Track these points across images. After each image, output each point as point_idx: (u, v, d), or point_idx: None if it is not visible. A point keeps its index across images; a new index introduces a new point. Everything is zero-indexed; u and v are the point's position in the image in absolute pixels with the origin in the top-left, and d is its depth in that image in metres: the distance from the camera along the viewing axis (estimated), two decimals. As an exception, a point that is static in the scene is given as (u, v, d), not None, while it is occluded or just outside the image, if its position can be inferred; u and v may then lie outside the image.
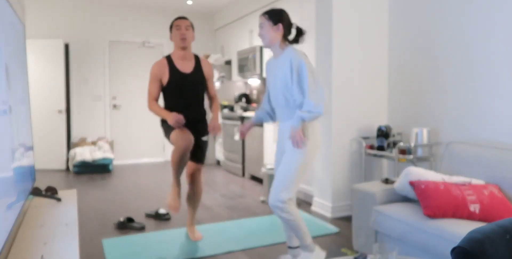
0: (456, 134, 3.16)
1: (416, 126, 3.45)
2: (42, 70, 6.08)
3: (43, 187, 4.41)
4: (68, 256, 2.41)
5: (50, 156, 6.17)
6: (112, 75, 6.86)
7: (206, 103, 3.10)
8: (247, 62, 5.89)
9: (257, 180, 5.22)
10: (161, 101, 3.00)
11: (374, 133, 3.68)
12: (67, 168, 6.27)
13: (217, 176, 5.64)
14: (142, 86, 7.01)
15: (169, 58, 2.94)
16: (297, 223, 2.30)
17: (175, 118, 2.74)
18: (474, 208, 2.12)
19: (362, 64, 3.70)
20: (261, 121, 2.65)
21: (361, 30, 3.68)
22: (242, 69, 6.10)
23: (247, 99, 6.54)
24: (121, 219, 3.38)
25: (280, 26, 2.32)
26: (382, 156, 3.50)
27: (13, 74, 2.68)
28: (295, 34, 2.41)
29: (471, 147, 2.61)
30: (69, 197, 3.99)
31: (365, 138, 3.67)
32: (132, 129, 7.00)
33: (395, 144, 3.41)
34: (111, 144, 6.64)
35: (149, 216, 3.70)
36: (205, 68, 3.01)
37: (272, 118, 2.58)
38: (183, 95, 2.93)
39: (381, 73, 3.80)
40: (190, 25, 2.96)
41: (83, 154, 5.93)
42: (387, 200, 2.55)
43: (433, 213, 2.13)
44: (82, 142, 6.37)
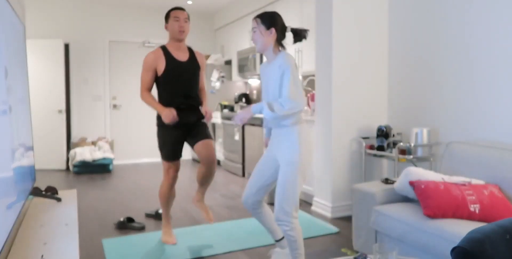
0: (456, 134, 3.16)
1: (416, 126, 3.45)
2: (42, 70, 6.08)
3: (43, 187, 4.41)
4: (68, 256, 2.41)
5: (50, 156, 6.18)
6: (112, 75, 6.86)
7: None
8: (247, 62, 5.90)
9: (257, 180, 5.21)
10: (154, 92, 3.00)
11: (374, 133, 3.68)
12: (67, 168, 6.27)
13: (217, 176, 5.64)
14: (142, 86, 7.01)
15: (164, 48, 2.95)
16: (297, 243, 2.26)
17: (169, 117, 2.76)
18: (474, 208, 2.12)
19: (362, 64, 3.70)
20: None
21: (361, 30, 3.68)
22: (242, 69, 6.10)
23: (247, 99, 6.54)
24: (121, 219, 3.38)
25: (273, 31, 2.25)
26: (382, 156, 3.50)
27: (13, 74, 2.68)
28: (293, 36, 2.35)
29: (471, 147, 2.61)
30: (69, 197, 3.99)
31: (365, 138, 3.67)
32: (132, 129, 7.00)
33: (395, 144, 3.41)
34: (111, 144, 6.64)
35: (149, 216, 3.70)
36: (199, 58, 3.05)
37: None
38: (180, 83, 2.93)
39: (381, 73, 3.80)
40: (188, 18, 2.97)
41: (83, 154, 5.93)
42: (387, 200, 2.55)
43: (433, 213, 2.13)
44: (82, 142, 6.37)
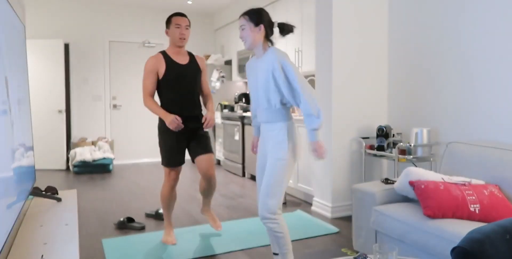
0: (456, 134, 3.16)
1: (416, 126, 3.45)
2: (42, 70, 6.08)
3: (43, 187, 4.41)
4: (68, 256, 2.41)
5: (50, 156, 6.18)
6: (112, 75, 6.86)
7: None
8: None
9: (257, 180, 5.22)
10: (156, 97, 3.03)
11: (374, 133, 3.68)
12: (67, 168, 6.27)
13: (217, 176, 5.64)
14: (142, 86, 7.01)
15: (164, 53, 2.99)
16: (284, 239, 2.24)
17: (174, 123, 2.79)
18: (474, 208, 2.12)
19: (362, 64, 3.70)
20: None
21: (361, 30, 3.68)
22: (242, 69, 6.10)
23: (247, 99, 6.54)
24: (121, 219, 3.38)
25: (262, 27, 2.24)
26: (382, 156, 3.50)
27: (13, 74, 2.68)
28: (279, 32, 2.32)
29: (471, 147, 2.61)
30: (69, 197, 3.99)
31: (365, 138, 3.67)
32: (132, 129, 7.01)
33: (395, 144, 3.41)
34: (111, 144, 6.64)
35: (149, 216, 3.70)
36: (199, 62, 3.08)
37: None
38: (180, 87, 2.95)
39: (381, 73, 3.80)
40: (189, 25, 3.00)
41: (83, 154, 5.93)
42: (387, 200, 2.55)
43: (433, 213, 2.13)
44: (82, 142, 6.37)
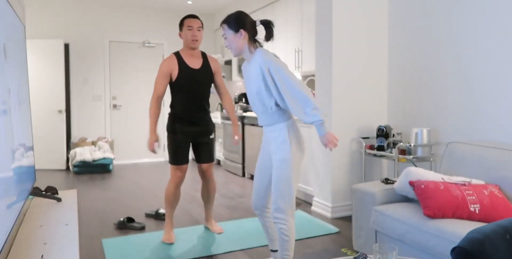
0: (456, 134, 3.16)
1: (416, 126, 3.45)
2: (42, 70, 6.08)
3: (43, 187, 4.41)
4: (68, 256, 2.41)
5: (50, 156, 6.17)
6: (112, 75, 6.86)
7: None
8: (247, 62, 5.89)
9: (257, 180, 5.21)
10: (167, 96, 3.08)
11: (374, 133, 3.68)
12: (67, 168, 6.27)
13: (217, 176, 5.64)
14: (142, 86, 7.01)
15: (178, 55, 3.02)
16: (289, 243, 2.24)
17: (150, 146, 3.00)
18: (474, 208, 2.12)
19: (362, 64, 3.70)
20: None
21: (361, 30, 3.68)
22: (242, 69, 6.10)
23: (247, 99, 6.54)
24: (121, 219, 3.38)
25: (243, 32, 2.19)
26: (382, 156, 3.50)
27: (13, 74, 2.68)
28: (265, 30, 2.28)
29: (471, 147, 2.61)
30: (69, 197, 3.99)
31: (365, 138, 3.67)
32: (132, 129, 7.00)
33: (395, 144, 3.41)
34: (111, 144, 6.64)
35: (149, 216, 3.70)
36: (212, 64, 3.10)
37: None
38: (190, 91, 3.00)
39: (381, 73, 3.80)
40: (201, 26, 3.06)
41: (83, 154, 5.93)
42: (387, 200, 2.55)
43: (433, 213, 2.13)
44: (82, 142, 6.37)
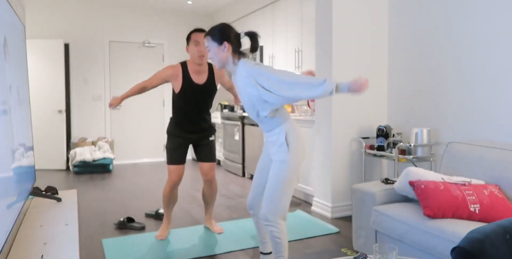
0: (456, 134, 3.16)
1: (416, 126, 3.45)
2: (42, 70, 6.08)
3: (43, 187, 4.41)
4: (68, 256, 2.41)
5: (50, 156, 6.18)
6: (112, 75, 6.86)
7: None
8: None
9: (257, 180, 5.21)
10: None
11: (374, 133, 3.68)
12: (67, 168, 6.27)
13: (217, 176, 5.64)
14: (142, 86, 7.02)
15: (184, 67, 2.97)
16: (281, 245, 2.21)
17: (112, 100, 2.88)
18: (474, 208, 2.12)
19: (362, 64, 3.70)
20: None
21: (361, 30, 3.68)
22: (242, 69, 6.10)
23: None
24: (121, 219, 3.38)
25: (227, 45, 2.17)
26: (382, 156, 3.50)
27: (13, 75, 2.68)
28: (250, 42, 2.26)
29: (471, 147, 2.61)
30: (69, 197, 3.99)
31: (365, 138, 3.67)
32: (132, 129, 7.01)
33: (395, 144, 3.41)
34: (111, 144, 6.64)
35: (149, 216, 3.70)
36: (217, 75, 3.08)
37: None
38: (191, 104, 2.99)
39: (381, 73, 3.80)
40: None
41: (83, 154, 5.93)
42: (387, 200, 2.55)
43: (433, 213, 2.13)
44: (82, 142, 6.37)
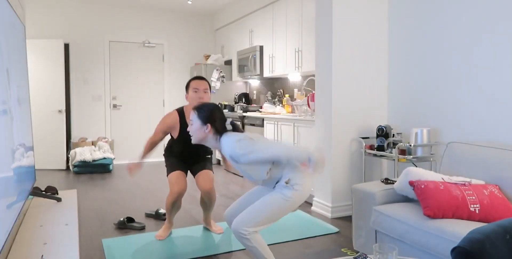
0: (456, 134, 3.16)
1: (416, 126, 3.45)
2: (42, 70, 6.08)
3: (43, 187, 4.41)
4: (68, 256, 2.41)
5: (50, 156, 6.18)
6: (112, 75, 6.86)
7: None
8: (247, 62, 5.90)
9: (257, 180, 5.21)
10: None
11: (374, 133, 3.68)
12: (67, 168, 6.27)
13: (217, 176, 5.64)
14: (142, 86, 7.02)
15: (181, 114, 3.05)
16: (259, 252, 2.18)
17: (130, 169, 2.97)
18: (474, 208, 2.12)
19: (362, 64, 3.70)
20: None
21: (361, 30, 3.68)
22: (242, 69, 6.10)
23: (247, 99, 6.54)
24: (121, 219, 3.38)
25: (209, 127, 2.22)
26: (382, 156, 3.50)
27: (13, 75, 2.68)
28: (232, 129, 2.29)
29: (471, 147, 2.61)
30: (69, 197, 3.99)
31: (365, 138, 3.67)
32: (132, 129, 7.01)
33: (395, 144, 3.41)
34: (111, 144, 6.64)
35: (149, 216, 3.70)
36: None
37: None
38: (188, 145, 2.94)
39: (381, 73, 3.80)
40: (208, 88, 3.07)
41: (83, 154, 5.93)
42: (387, 200, 2.55)
43: (433, 213, 2.13)
44: (82, 142, 6.37)
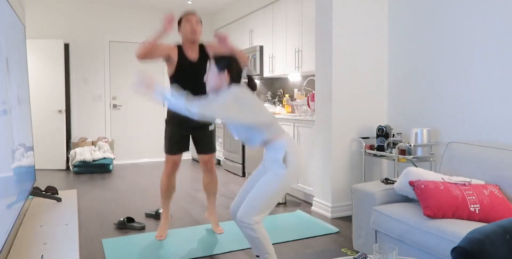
0: (456, 134, 3.16)
1: (416, 126, 3.45)
2: (42, 70, 6.08)
3: (43, 187, 4.41)
4: (68, 256, 2.41)
5: (50, 156, 6.18)
6: (112, 75, 6.86)
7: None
8: (247, 62, 5.89)
9: (257, 180, 5.21)
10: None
11: (374, 133, 3.68)
12: (67, 168, 6.27)
13: (217, 176, 5.63)
14: (142, 86, 7.02)
15: (179, 46, 3.05)
16: (262, 243, 2.19)
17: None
18: (474, 208, 2.12)
19: (362, 64, 3.70)
20: None
21: (361, 30, 3.68)
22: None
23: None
24: (121, 219, 3.38)
25: (226, 73, 2.26)
26: (382, 156, 3.50)
27: (13, 74, 2.68)
28: (247, 83, 2.35)
29: (471, 147, 2.61)
30: (69, 197, 4.00)
31: (365, 138, 3.67)
32: (132, 129, 7.01)
33: (395, 144, 3.41)
34: (111, 144, 6.64)
35: (149, 216, 3.70)
36: (210, 52, 3.08)
37: None
38: (188, 85, 2.96)
39: (381, 73, 3.80)
40: (200, 21, 3.09)
41: (83, 154, 5.93)
42: (387, 200, 2.55)
43: (433, 213, 2.13)
44: (82, 142, 6.37)
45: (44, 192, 4.14)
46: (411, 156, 3.20)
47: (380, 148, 3.49)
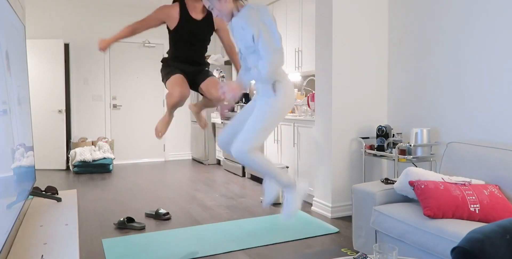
0: (456, 134, 3.16)
1: (416, 126, 3.45)
2: (42, 70, 6.08)
3: (43, 187, 4.41)
4: (68, 256, 2.41)
5: (50, 156, 6.18)
6: (112, 75, 6.86)
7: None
8: (247, 62, 5.89)
9: (257, 180, 5.22)
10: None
11: (374, 133, 3.68)
12: (67, 168, 6.27)
13: (217, 176, 5.64)
14: (142, 86, 7.02)
15: (182, 2, 2.89)
16: (264, 168, 2.25)
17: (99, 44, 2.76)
18: (474, 208, 2.12)
19: (362, 64, 3.70)
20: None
21: (361, 30, 3.68)
22: (242, 69, 6.09)
23: (247, 99, 6.53)
24: (121, 219, 3.38)
25: None
26: (382, 156, 3.50)
27: (13, 74, 2.68)
28: None
29: (471, 147, 2.61)
30: (69, 197, 4.00)
31: (365, 138, 3.67)
32: (132, 129, 7.01)
33: (395, 144, 3.41)
34: (111, 144, 6.64)
35: (149, 216, 3.70)
36: (216, 20, 2.96)
37: None
38: (190, 44, 2.87)
39: (381, 73, 3.80)
40: None
41: (83, 154, 5.93)
42: (387, 200, 2.55)
43: (433, 213, 2.13)
44: (82, 142, 6.37)
45: (44, 192, 4.14)
46: (411, 156, 3.20)
47: (380, 148, 3.49)
